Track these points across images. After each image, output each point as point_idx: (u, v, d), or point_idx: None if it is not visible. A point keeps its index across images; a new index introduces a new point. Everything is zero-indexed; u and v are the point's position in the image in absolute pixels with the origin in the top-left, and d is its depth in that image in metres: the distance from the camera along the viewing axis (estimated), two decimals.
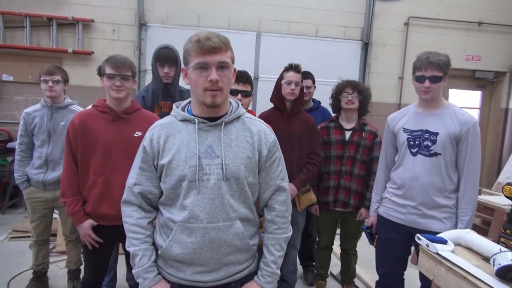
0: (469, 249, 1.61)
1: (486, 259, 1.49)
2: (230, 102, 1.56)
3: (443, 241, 1.59)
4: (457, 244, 1.64)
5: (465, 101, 6.47)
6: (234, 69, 1.50)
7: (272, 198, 1.57)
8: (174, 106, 1.57)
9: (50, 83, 2.80)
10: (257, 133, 1.51)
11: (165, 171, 1.46)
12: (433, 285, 1.58)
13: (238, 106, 1.55)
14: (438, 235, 1.66)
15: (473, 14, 6.08)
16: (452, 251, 1.56)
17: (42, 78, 2.82)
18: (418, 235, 1.66)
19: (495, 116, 6.49)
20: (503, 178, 4.91)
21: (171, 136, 1.48)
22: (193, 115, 1.49)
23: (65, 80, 2.91)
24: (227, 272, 1.48)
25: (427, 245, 1.59)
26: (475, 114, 6.32)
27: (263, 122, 1.59)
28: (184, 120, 1.49)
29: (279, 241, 1.56)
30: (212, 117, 1.47)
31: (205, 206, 1.42)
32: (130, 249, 1.51)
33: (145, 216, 1.54)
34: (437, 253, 1.53)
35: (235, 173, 1.44)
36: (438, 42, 5.88)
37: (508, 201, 3.53)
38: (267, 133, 1.54)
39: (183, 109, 1.54)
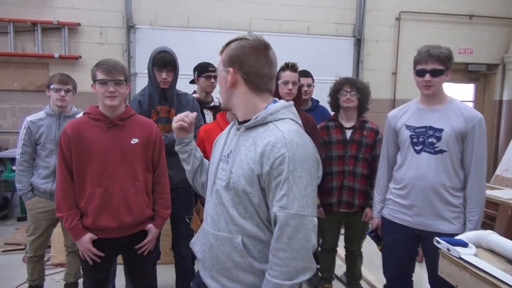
0: (491, 251, 1.54)
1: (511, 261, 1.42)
2: (269, 104, 1.35)
3: (464, 244, 1.52)
4: (477, 246, 1.56)
5: (459, 95, 6.45)
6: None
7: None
8: None
9: (62, 93, 2.73)
10: (265, 144, 1.25)
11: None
12: None
13: (274, 111, 1.32)
14: (458, 237, 1.58)
15: (464, 7, 6.06)
16: (475, 255, 1.48)
17: (52, 86, 2.72)
18: (436, 238, 1.58)
19: (490, 109, 6.48)
20: (500, 170, 4.89)
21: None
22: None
23: (75, 90, 2.87)
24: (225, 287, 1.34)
25: (448, 249, 1.51)
26: None
27: (286, 131, 1.26)
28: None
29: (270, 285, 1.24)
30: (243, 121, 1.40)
31: (211, 211, 1.39)
32: None
33: None
34: (460, 258, 1.46)
35: (235, 184, 1.29)
36: (430, 36, 5.82)
37: None
38: (275, 146, 1.23)
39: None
